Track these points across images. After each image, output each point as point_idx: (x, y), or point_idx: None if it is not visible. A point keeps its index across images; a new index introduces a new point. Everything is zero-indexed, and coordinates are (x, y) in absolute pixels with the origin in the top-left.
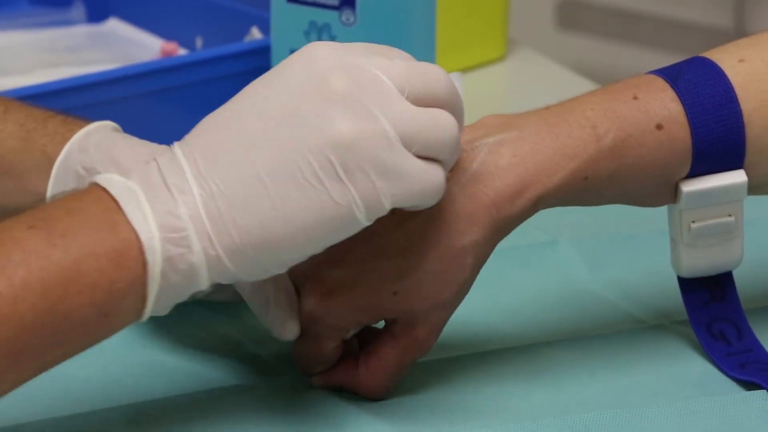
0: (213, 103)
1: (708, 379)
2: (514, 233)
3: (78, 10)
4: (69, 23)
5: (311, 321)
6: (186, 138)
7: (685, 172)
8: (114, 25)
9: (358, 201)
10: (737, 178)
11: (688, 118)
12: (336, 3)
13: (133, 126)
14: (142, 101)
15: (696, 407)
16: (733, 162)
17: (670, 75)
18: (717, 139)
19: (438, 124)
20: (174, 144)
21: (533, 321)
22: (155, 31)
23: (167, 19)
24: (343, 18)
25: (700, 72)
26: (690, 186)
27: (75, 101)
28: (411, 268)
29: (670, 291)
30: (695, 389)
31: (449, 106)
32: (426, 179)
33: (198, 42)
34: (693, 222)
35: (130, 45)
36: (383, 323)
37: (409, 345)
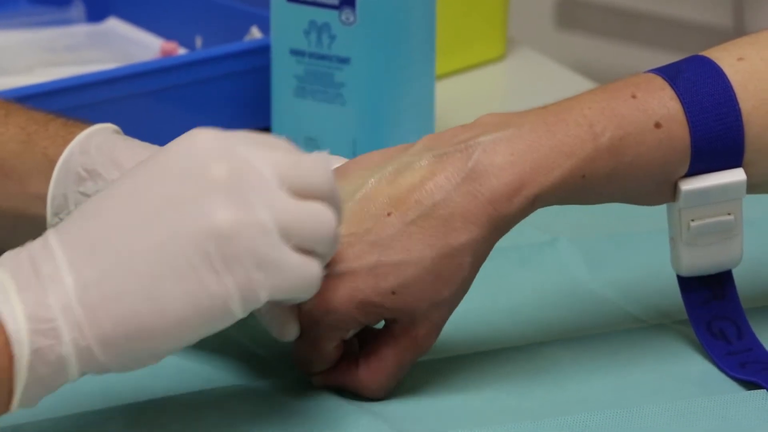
0: (213, 103)
1: (708, 379)
2: (513, 232)
3: (77, 9)
4: (68, 22)
5: (311, 321)
6: (62, 225)
7: (684, 170)
8: (113, 25)
9: (234, 293)
10: (736, 176)
11: (686, 116)
12: (336, 2)
13: (133, 125)
14: (141, 101)
15: (696, 407)
16: (732, 160)
17: (668, 74)
18: (716, 138)
19: (316, 217)
20: (48, 231)
21: (533, 320)
22: (155, 31)
23: (167, 19)
24: (343, 17)
25: (699, 70)
26: (689, 184)
27: (74, 101)
28: (410, 267)
29: (669, 290)
30: (695, 388)
31: (329, 199)
32: (303, 273)
33: (198, 41)
34: (692, 221)
35: (129, 44)
36: (383, 323)
37: (409, 345)
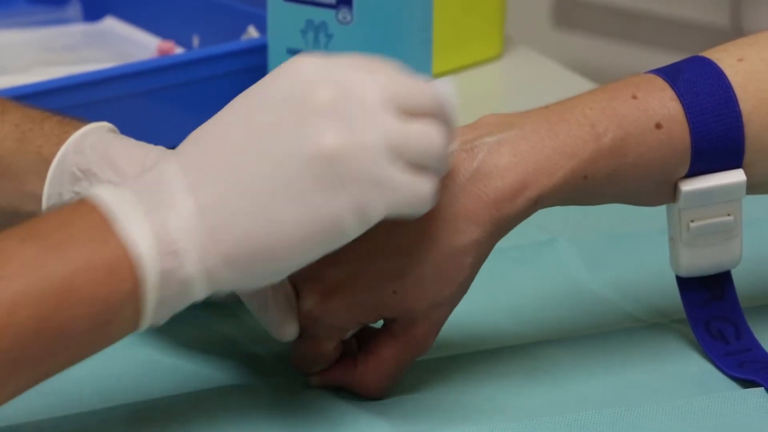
0: (210, 102)
1: (707, 378)
2: (512, 232)
3: (74, 8)
4: (65, 22)
5: (310, 321)
6: (178, 149)
7: (684, 171)
8: (110, 24)
9: (348, 212)
10: (736, 177)
11: (687, 117)
12: (333, 2)
13: (130, 125)
14: (138, 100)
15: (694, 405)
16: (732, 161)
17: (669, 74)
18: (716, 139)
19: (426, 135)
20: (167, 156)
21: (532, 320)
22: (152, 30)
23: (164, 18)
24: (340, 17)
25: (699, 71)
26: (689, 185)
27: (71, 100)
28: (410, 267)
29: (668, 290)
30: (694, 387)
31: (437, 116)
32: (414, 190)
33: (195, 41)
34: (692, 221)
35: (126, 44)
36: (382, 322)
37: (408, 344)
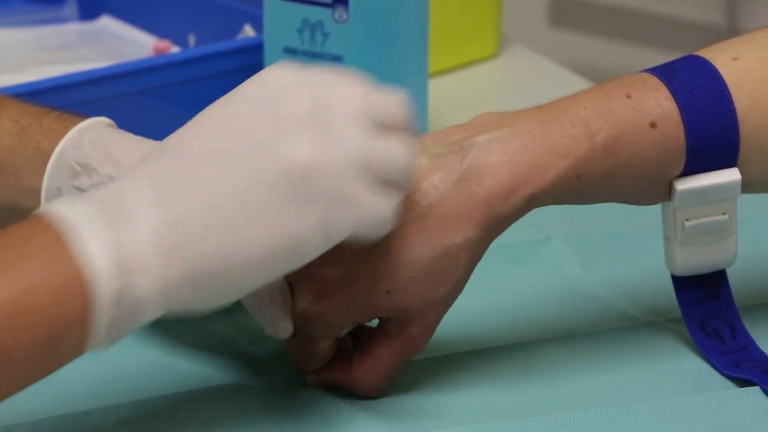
0: (206, 101)
1: (702, 376)
2: (507, 231)
3: (70, 7)
4: (61, 21)
5: (305, 320)
6: (145, 161)
7: (679, 170)
8: (106, 23)
9: (315, 228)
10: (731, 176)
11: (682, 116)
12: (329, 0)
13: (126, 124)
14: (134, 99)
15: (689, 404)
16: (727, 160)
17: (664, 73)
18: (711, 138)
19: (394, 152)
20: (131, 169)
21: (527, 318)
22: (148, 29)
23: (160, 17)
24: (336, 15)
25: (694, 70)
26: (684, 184)
27: (67, 99)
28: (404, 267)
29: (663, 288)
30: (689, 386)
31: (407, 133)
32: (378, 210)
33: (191, 39)
34: (687, 220)
35: (122, 42)
36: (377, 321)
37: (403, 343)
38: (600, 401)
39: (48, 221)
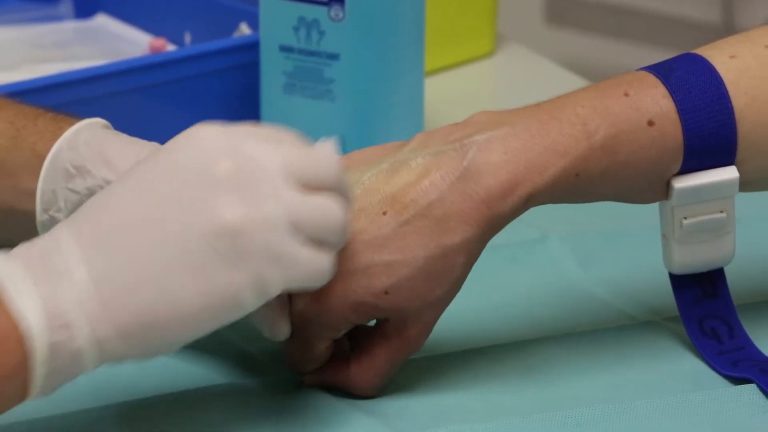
0: (201, 99)
1: (700, 375)
2: (504, 230)
3: (66, 5)
4: (57, 19)
5: (302, 321)
6: (73, 217)
7: (677, 168)
8: (102, 21)
9: (245, 287)
10: (729, 174)
11: (679, 114)
12: None
13: (122, 122)
14: (130, 97)
15: (687, 402)
16: (725, 158)
17: (661, 71)
18: (708, 136)
19: (325, 209)
20: (60, 224)
21: (524, 318)
22: (143, 27)
23: (155, 15)
24: (332, 14)
25: (691, 68)
26: (682, 182)
27: (63, 97)
28: (402, 267)
29: (660, 287)
30: (687, 384)
31: (337, 190)
32: (313, 265)
33: (186, 38)
34: (685, 218)
35: (118, 41)
36: (374, 321)
37: (401, 343)
38: (598, 400)
39: None
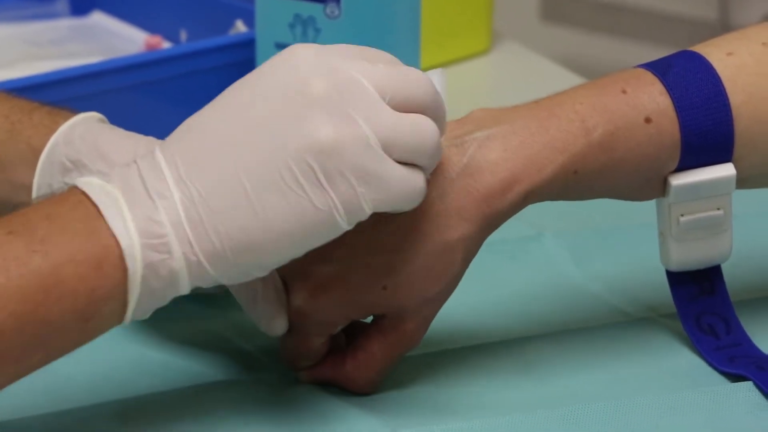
0: (197, 97)
1: (696, 372)
2: (501, 227)
3: (62, 3)
4: (53, 16)
5: (300, 316)
6: (167, 141)
7: (674, 165)
8: (98, 18)
9: (338, 206)
10: (726, 171)
11: (676, 111)
12: None
13: (117, 119)
14: (126, 94)
15: (683, 399)
16: (722, 155)
17: (658, 68)
18: (705, 133)
19: (418, 130)
20: (155, 146)
21: (520, 315)
22: (139, 24)
23: (151, 12)
24: (328, 11)
25: (688, 65)
26: (679, 179)
27: (58, 95)
28: (400, 263)
29: (657, 284)
30: (683, 381)
31: (430, 111)
32: (406, 184)
33: (182, 35)
34: (682, 215)
35: (114, 38)
36: (371, 317)
37: (398, 340)
38: (594, 397)
39: (80, 197)
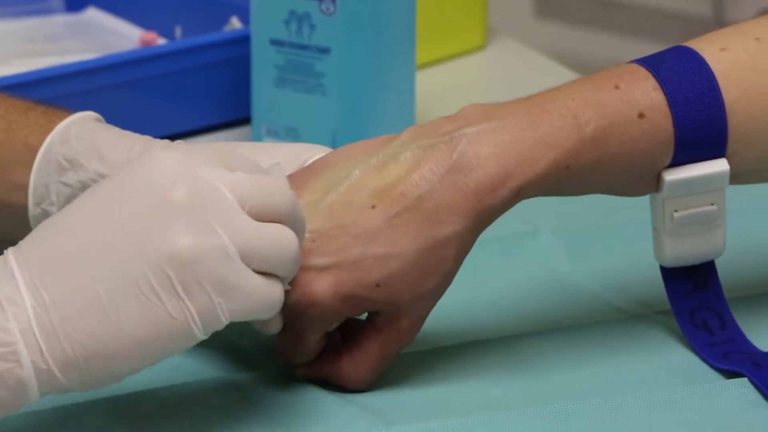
0: (192, 93)
1: (690, 368)
2: (495, 223)
3: None
4: (47, 12)
5: (294, 314)
6: (23, 242)
7: (668, 161)
8: (93, 15)
9: (194, 316)
10: (719, 166)
11: (670, 106)
12: None
13: (113, 116)
14: (121, 91)
15: (677, 396)
16: (716, 151)
17: (652, 64)
18: (699, 128)
19: (277, 240)
20: (7, 250)
21: (515, 311)
22: (134, 21)
23: (146, 9)
24: (323, 7)
25: (682, 61)
26: (672, 175)
27: (54, 91)
28: (394, 260)
29: (651, 281)
30: (677, 378)
31: (289, 221)
32: (264, 295)
33: (177, 31)
34: (676, 211)
35: (109, 34)
36: (366, 314)
37: (392, 336)
38: (589, 393)
39: None
